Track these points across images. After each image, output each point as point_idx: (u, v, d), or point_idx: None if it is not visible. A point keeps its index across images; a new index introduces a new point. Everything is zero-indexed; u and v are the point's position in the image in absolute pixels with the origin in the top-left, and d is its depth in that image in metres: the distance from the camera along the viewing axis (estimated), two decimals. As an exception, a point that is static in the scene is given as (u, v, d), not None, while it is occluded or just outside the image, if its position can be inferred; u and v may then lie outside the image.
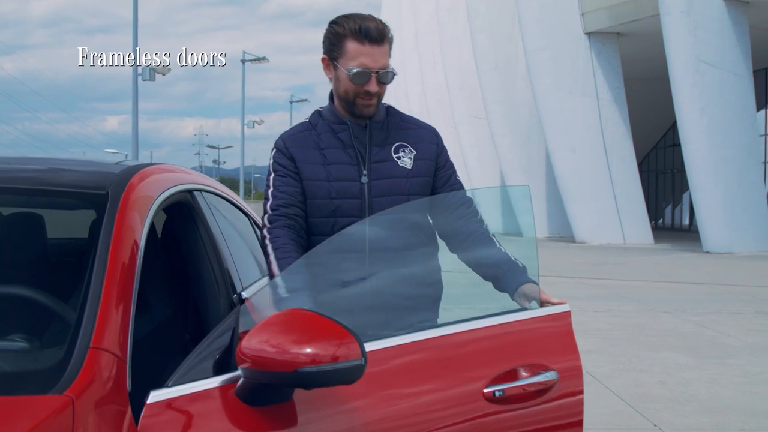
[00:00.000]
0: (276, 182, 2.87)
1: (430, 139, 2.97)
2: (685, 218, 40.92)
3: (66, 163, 2.94)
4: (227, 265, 2.99)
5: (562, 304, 2.56)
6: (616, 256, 22.58)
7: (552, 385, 2.38)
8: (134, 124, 29.34)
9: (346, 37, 2.82)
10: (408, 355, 2.27)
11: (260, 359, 1.86)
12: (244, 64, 45.12)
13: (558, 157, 28.01)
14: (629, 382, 6.91)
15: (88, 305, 1.94)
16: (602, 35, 28.03)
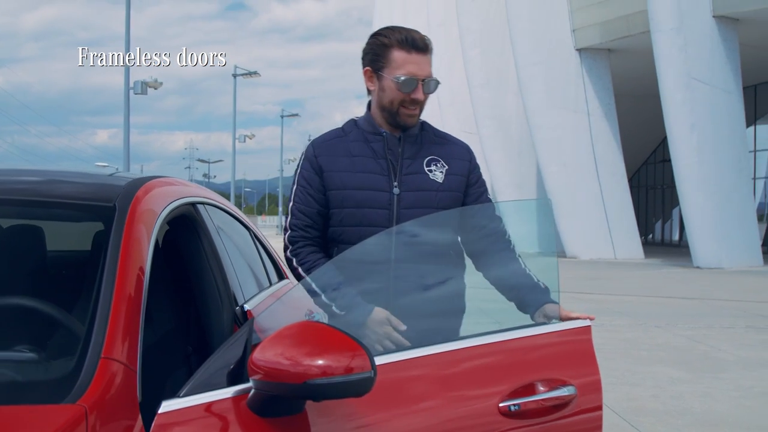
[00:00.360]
0: (297, 197, 2.94)
1: (463, 155, 2.99)
2: (675, 233, 41.05)
3: (69, 176, 2.96)
4: (229, 278, 3.01)
5: (582, 319, 2.56)
6: (606, 271, 22.64)
7: (570, 400, 2.37)
8: (126, 137, 29.30)
9: (392, 47, 2.87)
10: (424, 368, 2.27)
11: (271, 370, 1.87)
12: (235, 78, 45.14)
13: (549, 172, 28.09)
14: (623, 396, 6.93)
15: (98, 316, 1.96)
16: (593, 51, 28.17)
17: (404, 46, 2.85)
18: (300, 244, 2.93)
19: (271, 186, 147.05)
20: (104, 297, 2.01)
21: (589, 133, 28.06)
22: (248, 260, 3.59)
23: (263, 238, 4.04)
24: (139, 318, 2.05)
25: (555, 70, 27.85)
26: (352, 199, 2.86)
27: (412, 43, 2.85)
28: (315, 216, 2.92)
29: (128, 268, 2.12)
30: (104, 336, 1.91)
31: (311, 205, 2.91)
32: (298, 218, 2.93)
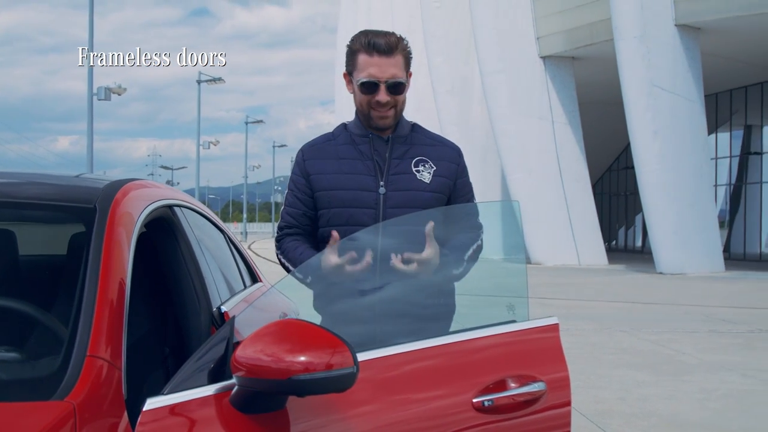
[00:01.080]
0: (286, 200, 3.05)
1: (452, 158, 3.02)
2: (638, 240, 41.48)
3: (45, 178, 2.96)
4: (206, 280, 3.02)
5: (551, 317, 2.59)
6: (571, 277, 22.82)
7: (540, 395, 2.42)
8: (89, 143, 29.07)
9: (358, 52, 2.93)
10: (397, 365, 2.30)
11: (255, 367, 1.90)
12: (200, 84, 44.93)
13: (513, 179, 28.27)
14: (590, 399, 7.01)
15: (82, 315, 1.98)
16: (557, 59, 28.42)
17: (367, 49, 2.91)
18: (283, 241, 3.02)
19: (235, 193, 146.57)
20: (88, 297, 2.03)
21: (553, 141, 28.29)
22: (223, 263, 3.61)
23: (237, 241, 4.06)
24: (122, 317, 2.07)
25: (519, 78, 28.06)
26: (338, 199, 2.91)
27: (374, 46, 2.89)
28: (300, 217, 3.00)
29: (111, 268, 2.14)
30: (89, 335, 1.93)
31: (297, 207, 3.00)
32: (286, 220, 3.03)
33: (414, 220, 2.76)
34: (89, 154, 29.23)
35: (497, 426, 2.34)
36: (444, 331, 2.66)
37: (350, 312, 2.70)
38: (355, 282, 2.65)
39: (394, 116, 2.95)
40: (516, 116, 27.98)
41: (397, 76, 2.90)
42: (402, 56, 2.93)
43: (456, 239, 2.84)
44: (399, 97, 2.94)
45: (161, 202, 2.80)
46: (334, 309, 2.79)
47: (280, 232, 3.05)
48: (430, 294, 2.81)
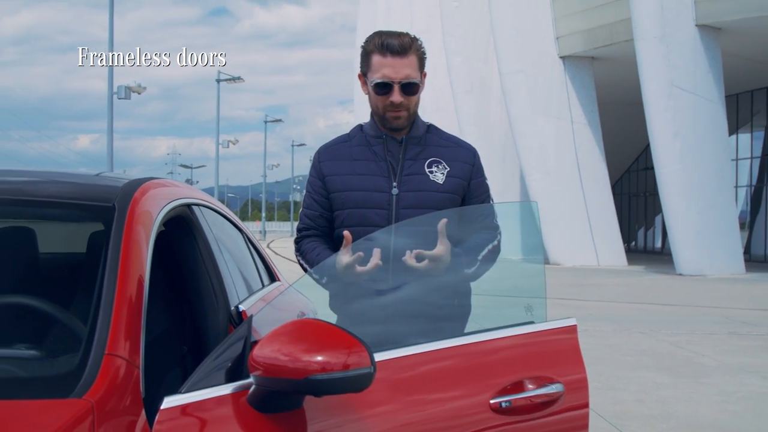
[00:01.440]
0: (304, 202, 3.08)
1: (466, 158, 3.01)
2: (657, 241, 41.29)
3: (65, 176, 2.98)
4: (224, 279, 3.03)
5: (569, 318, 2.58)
6: (590, 278, 22.74)
7: (558, 397, 2.41)
8: (109, 142, 29.22)
9: (372, 53, 2.94)
10: (414, 365, 2.30)
11: (272, 367, 1.90)
12: (219, 83, 45.07)
13: (532, 180, 28.20)
14: (608, 400, 6.99)
15: (101, 314, 1.99)
16: (577, 59, 28.32)
17: (381, 50, 2.91)
18: (302, 243, 3.04)
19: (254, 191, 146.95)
20: (107, 295, 2.04)
21: (572, 141, 28.20)
22: (241, 262, 3.62)
23: (255, 240, 4.07)
24: (141, 315, 2.08)
25: (538, 78, 27.97)
26: (351, 200, 2.92)
27: (387, 46, 2.89)
28: (317, 218, 3.02)
29: (130, 266, 2.15)
30: (108, 333, 1.94)
31: (314, 208, 3.03)
32: (304, 222, 3.06)
33: (428, 220, 2.75)
34: (109, 153, 29.37)
35: (515, 427, 2.33)
36: (459, 332, 2.66)
37: (365, 312, 2.70)
38: (369, 282, 2.65)
39: (407, 117, 2.95)
40: (535, 116, 27.91)
41: (410, 76, 2.90)
42: (416, 56, 2.93)
43: (470, 239, 2.83)
44: (413, 97, 2.93)
45: (180, 201, 2.81)
46: (350, 309, 2.79)
47: (299, 233, 3.07)
48: (445, 294, 2.80)
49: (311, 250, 2.98)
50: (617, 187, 40.49)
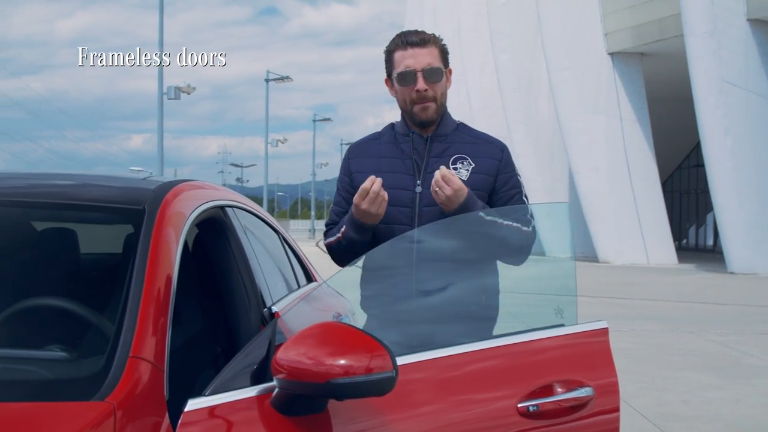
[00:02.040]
0: (335, 198, 3.13)
1: (493, 154, 2.99)
2: (709, 239, 40.68)
3: (101, 179, 3.02)
4: (257, 280, 3.05)
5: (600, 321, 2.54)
6: (639, 276, 22.51)
7: (588, 401, 2.37)
8: (159, 142, 29.57)
9: (393, 51, 2.98)
10: (442, 369, 2.29)
11: (295, 370, 1.91)
12: (267, 83, 45.37)
13: (581, 177, 27.98)
14: (652, 401, 6.91)
15: (127, 316, 2.01)
16: (626, 55, 28.03)
17: (401, 45, 2.95)
18: (327, 234, 3.10)
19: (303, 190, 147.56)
20: (133, 297, 2.06)
21: (621, 138, 27.92)
22: (277, 263, 3.63)
23: (292, 241, 4.08)
24: (167, 318, 2.09)
25: (587, 75, 27.74)
26: None
27: (406, 40, 2.94)
28: (345, 215, 3.02)
29: (157, 269, 2.17)
30: (133, 335, 1.95)
31: (342, 205, 3.06)
32: (332, 218, 3.11)
33: (456, 222, 2.75)
34: (159, 152, 29.72)
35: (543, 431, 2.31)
36: (487, 334, 2.65)
37: (395, 313, 2.70)
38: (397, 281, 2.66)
39: (435, 109, 2.94)
40: (583, 113, 27.68)
41: (433, 63, 2.92)
42: (437, 48, 2.96)
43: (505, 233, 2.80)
44: (437, 86, 2.93)
45: (212, 203, 2.83)
46: (380, 310, 2.79)
47: (326, 228, 3.11)
48: (473, 291, 2.79)
49: (337, 230, 3.03)
50: (668, 185, 40.01)
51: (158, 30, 28.88)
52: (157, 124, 29.36)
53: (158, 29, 28.88)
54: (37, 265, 2.67)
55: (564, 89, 27.89)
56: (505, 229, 2.77)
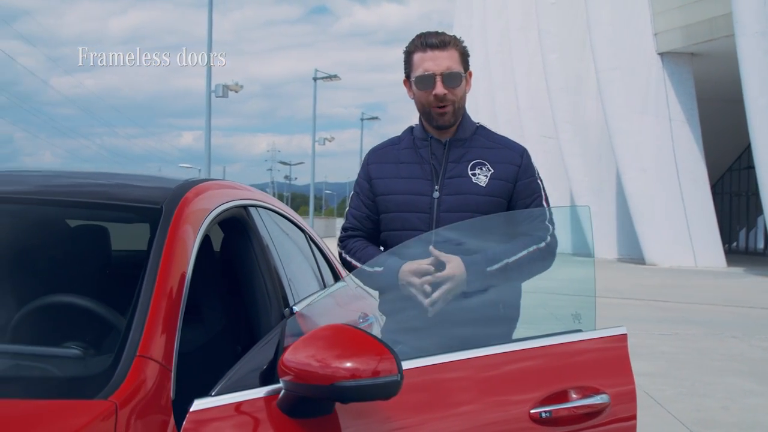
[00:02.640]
0: (351, 202, 3.08)
1: (512, 159, 2.93)
2: (759, 242, 40.07)
3: (128, 179, 3.05)
4: (280, 280, 3.05)
5: (619, 327, 2.50)
6: (686, 279, 22.22)
7: (603, 408, 2.33)
8: (207, 139, 29.81)
9: (412, 53, 2.94)
10: (457, 372, 2.27)
11: (300, 372, 1.90)
12: (315, 81, 45.52)
13: (628, 178, 27.71)
14: (691, 407, 6.81)
15: (137, 315, 2.02)
16: (675, 55, 27.69)
17: (420, 47, 2.91)
18: (348, 241, 3.03)
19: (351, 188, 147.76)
20: (144, 296, 2.07)
21: (670, 139, 27.60)
22: (301, 263, 3.63)
23: (320, 241, 4.08)
24: (178, 317, 2.10)
25: (635, 75, 27.47)
26: (394, 204, 2.91)
27: (427, 43, 2.89)
28: (364, 219, 3.01)
29: (170, 268, 2.18)
30: (141, 334, 1.96)
31: (361, 210, 3.01)
32: (350, 222, 3.05)
33: (469, 226, 2.73)
34: (207, 150, 29.96)
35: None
36: (506, 338, 2.62)
37: (412, 316, 2.69)
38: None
39: (453, 112, 2.90)
40: (632, 114, 27.41)
41: (452, 68, 2.87)
42: (457, 51, 2.91)
43: (509, 243, 2.77)
44: (456, 90, 2.89)
45: (234, 203, 2.83)
46: (398, 313, 2.78)
47: (344, 233, 3.06)
48: (488, 302, 2.76)
49: (362, 248, 2.98)
50: (717, 187, 39.48)
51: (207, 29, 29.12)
52: (205, 122, 29.62)
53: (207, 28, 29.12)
54: (64, 263, 2.70)
55: (612, 89, 27.63)
56: (523, 248, 2.76)
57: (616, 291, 16.88)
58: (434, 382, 2.23)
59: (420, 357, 2.24)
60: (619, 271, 24.31)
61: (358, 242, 3.00)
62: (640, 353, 9.45)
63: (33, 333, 2.25)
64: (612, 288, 17.69)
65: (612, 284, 18.48)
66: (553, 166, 34.45)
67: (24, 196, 2.64)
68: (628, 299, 15.26)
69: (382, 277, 2.79)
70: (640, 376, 8.04)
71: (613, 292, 16.89)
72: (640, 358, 9.21)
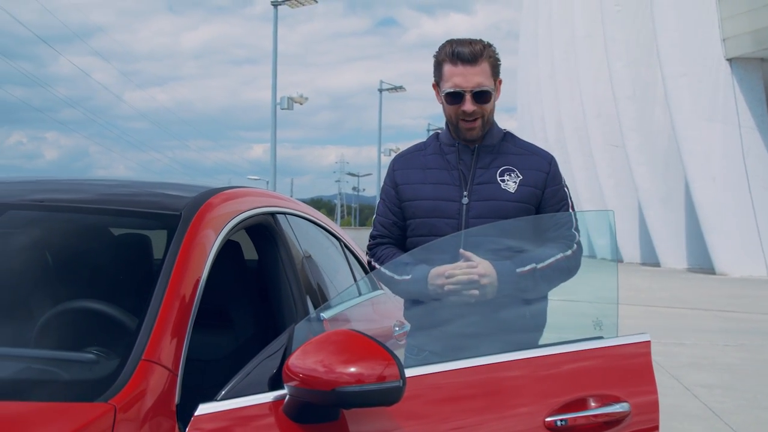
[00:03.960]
0: (378, 209, 3.05)
1: (541, 166, 2.91)
2: (836, 251, 39.03)
3: (155, 186, 3.07)
4: (310, 287, 3.05)
5: (642, 334, 2.44)
6: (757, 289, 21.70)
7: (623, 417, 2.28)
8: (272, 151, 30.14)
9: (443, 62, 2.89)
10: (471, 379, 2.24)
11: (303, 377, 1.90)
12: (381, 92, 45.75)
13: (697, 186, 27.21)
14: (751, 420, 6.63)
15: (146, 319, 2.03)
16: (745, 61, 27.14)
17: (451, 59, 2.85)
18: (377, 249, 3.00)
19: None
20: (154, 301, 2.09)
21: (740, 146, 27.03)
22: (336, 270, 3.63)
23: (356, 248, 4.07)
24: (188, 322, 2.11)
25: (703, 81, 26.98)
26: (421, 210, 2.88)
27: (458, 55, 2.83)
28: (391, 226, 2.98)
29: (183, 274, 2.19)
30: (148, 339, 1.98)
31: (388, 217, 2.99)
32: (377, 229, 3.02)
33: (496, 229, 2.70)
34: (272, 162, 30.29)
35: None
36: (532, 344, 2.58)
37: (437, 323, 2.66)
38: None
39: (481, 126, 2.88)
40: (700, 121, 26.92)
41: (482, 84, 2.83)
42: (488, 64, 2.85)
43: (537, 249, 2.73)
44: (486, 106, 2.86)
45: (259, 210, 2.84)
46: (423, 319, 2.76)
47: (372, 240, 3.03)
48: (519, 307, 2.72)
49: (390, 256, 2.94)
50: (792, 194, 38.53)
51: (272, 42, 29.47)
52: (270, 134, 29.93)
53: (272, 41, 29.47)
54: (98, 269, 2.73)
55: (680, 96, 27.19)
56: (551, 255, 2.73)
57: (684, 301, 16.59)
58: (442, 389, 2.20)
59: (434, 363, 2.22)
60: (687, 281, 23.87)
61: (387, 250, 2.97)
62: (702, 364, 9.26)
63: (59, 336, 2.27)
64: (679, 298, 17.38)
65: (679, 294, 18.18)
66: (620, 175, 34.05)
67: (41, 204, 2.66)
68: (694, 309, 14.97)
69: (410, 284, 2.77)
70: (699, 387, 7.91)
71: (680, 302, 16.59)
72: (702, 369, 9.02)
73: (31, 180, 3.09)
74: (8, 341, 2.22)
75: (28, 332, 2.25)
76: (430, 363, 2.25)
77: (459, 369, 2.24)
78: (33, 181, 3.06)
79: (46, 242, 2.65)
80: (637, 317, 13.52)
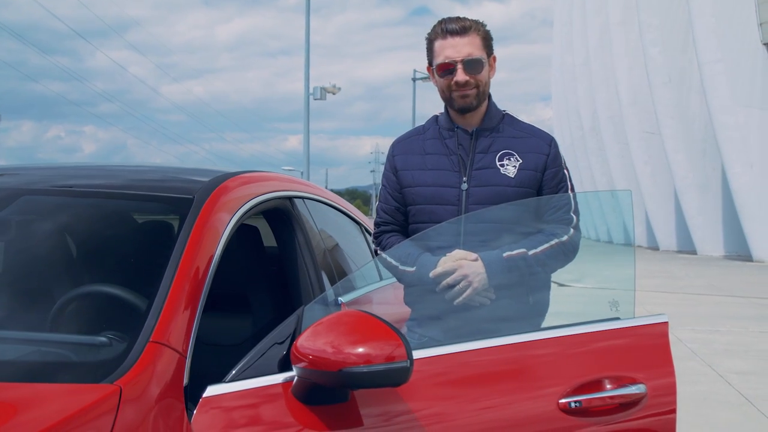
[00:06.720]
0: (381, 195, 3.02)
1: (540, 148, 2.86)
2: None
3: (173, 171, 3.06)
4: (330, 271, 3.04)
5: (660, 315, 2.40)
6: (795, 277, 21.42)
7: (639, 399, 2.24)
8: (306, 142, 30.15)
9: (433, 40, 2.89)
10: (487, 360, 2.22)
11: (311, 358, 1.89)
12: (414, 82, 45.60)
13: (734, 173, 26.90)
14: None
15: (155, 301, 2.03)
16: (782, 45, 26.78)
17: (441, 34, 2.85)
18: (382, 237, 2.97)
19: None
20: (164, 284, 2.08)
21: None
22: (354, 255, 3.61)
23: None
24: (197, 305, 2.10)
25: (740, 67, 26.63)
26: (421, 196, 2.85)
27: (446, 28, 2.83)
28: (394, 212, 2.95)
29: (192, 257, 2.18)
30: (156, 321, 1.97)
31: (390, 203, 2.96)
32: (381, 216, 3.00)
33: (495, 213, 2.67)
34: (306, 152, 30.32)
35: (586, 430, 2.18)
36: (534, 328, 2.55)
37: (438, 308, 2.64)
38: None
39: (476, 95, 2.84)
40: (737, 107, 26.59)
41: (473, 54, 2.81)
42: (479, 36, 2.84)
43: (532, 235, 2.70)
44: (479, 76, 2.83)
45: (275, 194, 2.83)
46: (423, 305, 2.74)
47: (377, 228, 3.01)
48: (516, 293, 2.69)
49: (394, 242, 2.92)
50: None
51: (305, 32, 29.47)
52: (303, 125, 29.97)
53: (305, 32, 29.47)
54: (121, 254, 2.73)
55: (716, 82, 26.86)
56: (545, 242, 2.69)
57: (719, 288, 16.41)
58: (457, 370, 2.18)
59: (442, 345, 2.20)
60: (724, 268, 23.60)
61: (392, 237, 2.94)
62: (735, 351, 9.15)
63: (73, 320, 2.28)
64: (715, 285, 17.19)
65: (716, 281, 17.97)
66: (657, 163, 33.75)
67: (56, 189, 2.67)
68: (730, 296, 14.79)
69: (413, 278, 2.75)
70: (732, 373, 7.83)
71: (715, 289, 16.41)
72: (735, 355, 8.92)
73: (46, 167, 3.10)
74: (25, 325, 2.23)
75: (44, 316, 2.26)
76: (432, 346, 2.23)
77: (468, 350, 2.21)
78: (47, 168, 3.07)
79: (61, 227, 2.66)
80: (673, 305, 13.40)
